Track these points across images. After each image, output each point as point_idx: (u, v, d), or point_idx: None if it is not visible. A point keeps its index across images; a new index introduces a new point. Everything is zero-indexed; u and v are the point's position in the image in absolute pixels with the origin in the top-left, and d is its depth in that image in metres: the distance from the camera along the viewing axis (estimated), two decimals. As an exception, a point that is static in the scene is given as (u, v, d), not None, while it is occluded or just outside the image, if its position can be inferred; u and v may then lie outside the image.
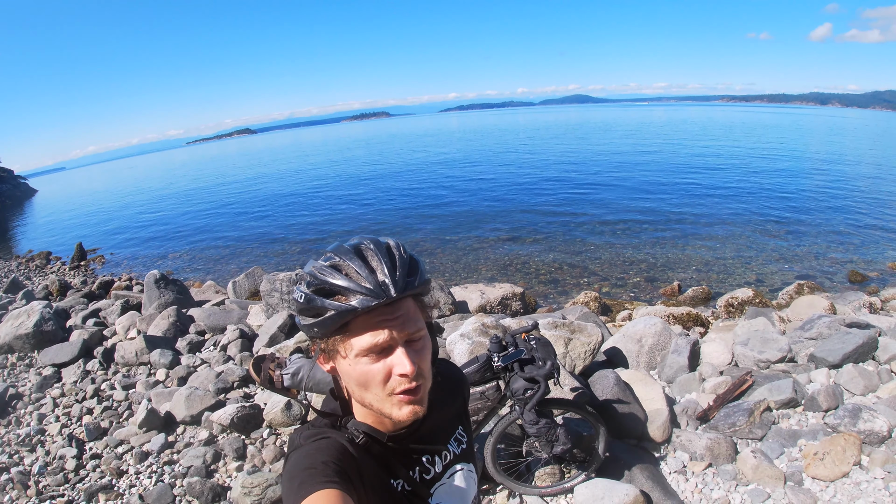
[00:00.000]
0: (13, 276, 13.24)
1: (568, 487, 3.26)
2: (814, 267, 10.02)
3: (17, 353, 6.53)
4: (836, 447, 3.26)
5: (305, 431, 1.00)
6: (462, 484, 1.16)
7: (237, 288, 9.23)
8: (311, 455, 0.92)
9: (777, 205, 15.34)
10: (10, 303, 9.15)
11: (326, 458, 0.91)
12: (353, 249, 0.92)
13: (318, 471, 0.87)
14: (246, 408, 4.45)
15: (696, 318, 6.93)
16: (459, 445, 1.18)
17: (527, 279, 10.39)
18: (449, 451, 1.15)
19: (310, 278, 0.92)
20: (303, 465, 0.90)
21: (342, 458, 0.92)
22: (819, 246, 11.25)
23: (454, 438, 1.18)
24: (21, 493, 3.86)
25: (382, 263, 0.89)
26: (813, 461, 3.26)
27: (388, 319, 0.89)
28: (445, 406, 1.18)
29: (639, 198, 17.22)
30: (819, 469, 3.21)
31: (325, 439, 0.96)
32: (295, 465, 0.91)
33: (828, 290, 8.43)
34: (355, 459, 0.94)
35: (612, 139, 45.66)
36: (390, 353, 0.90)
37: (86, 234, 21.76)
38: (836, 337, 4.50)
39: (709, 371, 4.58)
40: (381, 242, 0.94)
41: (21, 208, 41.75)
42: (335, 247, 0.94)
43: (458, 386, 1.26)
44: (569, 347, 4.37)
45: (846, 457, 3.21)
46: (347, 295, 0.87)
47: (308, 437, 0.97)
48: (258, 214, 20.80)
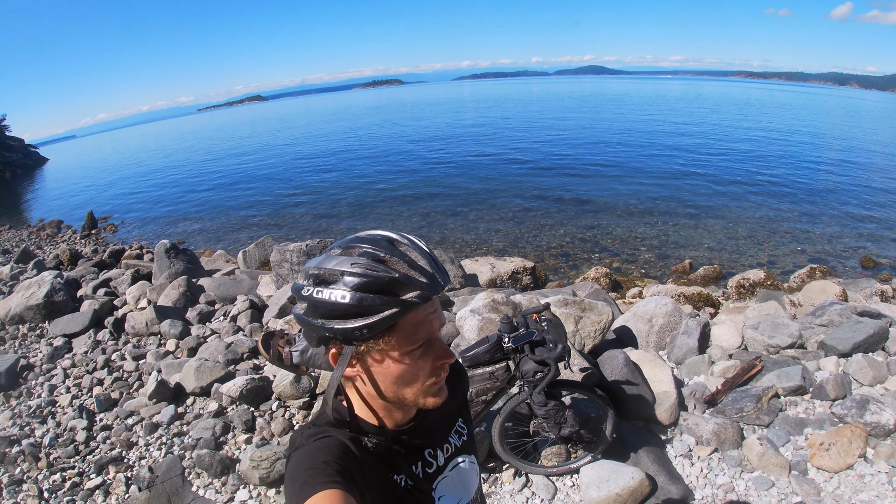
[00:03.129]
0: (24, 245, 13.36)
1: (574, 468, 3.27)
2: (826, 251, 9.94)
3: (28, 323, 6.58)
4: (842, 438, 3.24)
5: (306, 431, 0.99)
6: (465, 475, 1.17)
7: (247, 258, 9.27)
8: (312, 455, 0.91)
9: (792, 186, 15.18)
10: (21, 273, 9.21)
11: (328, 457, 0.90)
12: (388, 243, 0.89)
13: (320, 470, 0.87)
14: (255, 380, 4.47)
15: (706, 298, 6.89)
16: (460, 437, 1.19)
17: (538, 252, 10.39)
18: (450, 443, 1.16)
19: (356, 280, 0.84)
20: (305, 465, 0.89)
21: (344, 457, 0.92)
22: (833, 230, 11.15)
23: (455, 431, 1.19)
24: (32, 466, 3.91)
25: (423, 256, 0.88)
26: (818, 451, 3.24)
27: (433, 311, 0.90)
28: (447, 399, 1.17)
29: (653, 173, 17.09)
30: (824, 459, 3.19)
31: (326, 438, 0.95)
32: (297, 465, 0.91)
33: (840, 274, 8.36)
34: (357, 458, 0.94)
35: (628, 112, 45.11)
36: (431, 345, 0.92)
37: (97, 202, 21.90)
38: (846, 325, 4.45)
39: (718, 354, 4.56)
40: (406, 236, 0.92)
41: (32, 177, 41.91)
42: (373, 238, 0.90)
43: (458, 379, 1.27)
44: (579, 326, 4.36)
45: (852, 448, 3.19)
46: (404, 290, 0.84)
47: (309, 436, 0.96)
48: (269, 183, 20.84)
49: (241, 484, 3.55)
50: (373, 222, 13.49)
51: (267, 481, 3.47)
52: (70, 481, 3.74)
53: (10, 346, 6.12)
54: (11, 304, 6.74)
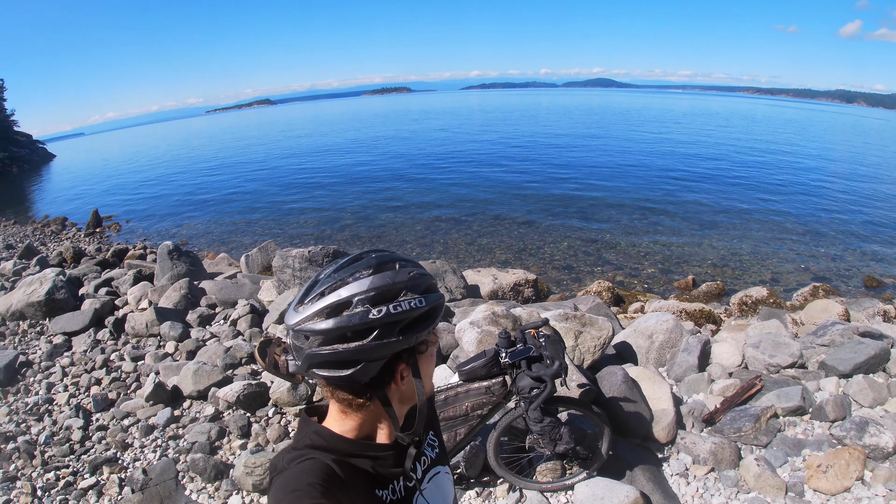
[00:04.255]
0: (28, 241, 13.39)
1: (569, 485, 3.25)
2: (830, 269, 9.89)
3: (29, 320, 6.60)
4: (840, 460, 3.21)
5: (288, 455, 0.99)
6: (442, 486, 1.19)
7: (250, 262, 9.28)
8: (296, 477, 0.91)
9: (797, 203, 15.11)
10: (24, 269, 9.25)
11: (312, 479, 0.90)
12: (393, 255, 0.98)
13: (304, 492, 0.88)
14: (252, 385, 4.47)
15: (708, 315, 6.86)
16: (433, 450, 1.21)
17: (540, 264, 10.36)
18: (426, 455, 1.17)
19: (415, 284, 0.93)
20: (289, 488, 0.89)
21: (327, 479, 0.92)
22: (837, 248, 11.09)
23: (427, 444, 1.20)
24: (27, 463, 3.91)
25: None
26: (816, 473, 3.22)
27: None
28: None
29: (659, 188, 17.01)
30: (821, 482, 3.17)
31: (309, 461, 0.95)
32: (280, 488, 0.91)
33: (843, 293, 8.32)
34: (341, 479, 0.94)
35: (635, 126, 45.05)
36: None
37: (102, 200, 21.92)
38: (848, 345, 4.43)
39: (718, 372, 4.53)
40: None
41: (38, 173, 42.03)
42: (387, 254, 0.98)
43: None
44: (578, 341, 4.34)
45: (849, 471, 3.16)
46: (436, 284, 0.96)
47: (291, 459, 0.96)
48: (274, 187, 20.82)
49: (234, 490, 3.54)
50: (375, 230, 13.48)
51: (260, 488, 3.46)
52: (64, 480, 3.74)
53: (9, 341, 6.14)
54: (13, 299, 6.76)
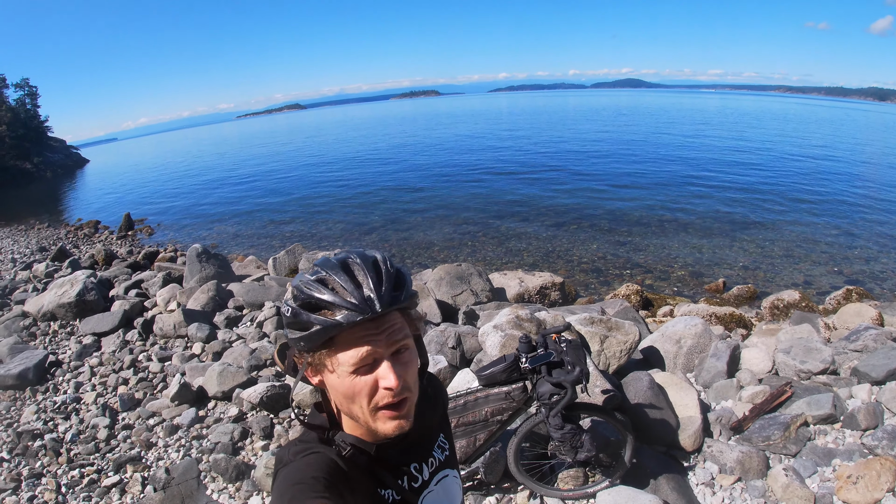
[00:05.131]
0: (61, 244, 13.74)
1: (590, 493, 3.18)
2: (864, 271, 9.62)
3: (60, 320, 6.76)
4: (871, 471, 3.09)
5: (293, 447, 0.99)
6: (450, 490, 1.18)
7: (277, 265, 9.37)
8: (300, 470, 0.92)
9: (830, 204, 14.74)
10: (56, 270, 9.48)
11: (316, 473, 0.91)
12: (340, 263, 0.92)
13: (308, 486, 0.88)
14: (276, 387, 4.50)
15: (738, 318, 6.72)
16: (443, 452, 1.20)
17: (568, 267, 10.28)
18: (435, 458, 1.17)
19: (296, 292, 0.92)
20: (292, 481, 0.90)
21: (332, 473, 0.93)
22: (871, 250, 10.78)
23: (437, 446, 1.20)
24: (53, 460, 4.00)
25: (368, 278, 0.89)
26: (846, 484, 3.10)
27: (373, 334, 0.89)
28: (429, 415, 1.19)
29: (689, 190, 16.77)
30: (851, 493, 3.05)
31: (313, 454, 0.96)
32: (284, 480, 0.92)
33: (877, 296, 8.08)
34: (345, 473, 0.95)
35: (665, 127, 44.40)
36: (376, 367, 0.91)
37: (135, 204, 22.45)
38: (881, 351, 4.27)
39: (747, 378, 4.41)
40: (367, 256, 0.94)
41: (72, 178, 43.17)
42: (322, 261, 0.95)
43: (436, 395, 1.29)
44: (604, 345, 4.28)
45: (880, 482, 3.04)
46: (333, 310, 0.87)
47: (296, 452, 0.97)
48: (304, 191, 21.14)
49: (254, 490, 3.56)
50: (403, 233, 13.53)
51: (281, 490, 3.46)
52: (88, 478, 3.81)
53: (40, 341, 6.29)
54: (44, 300, 6.92)
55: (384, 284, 0.90)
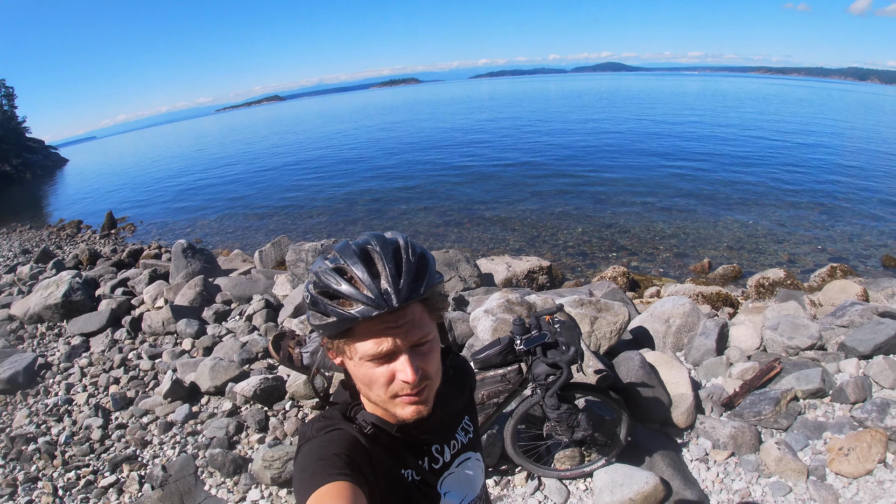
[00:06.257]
0: (44, 245, 13.55)
1: (587, 472, 3.22)
2: (847, 249, 9.75)
3: (47, 322, 6.68)
4: (862, 443, 3.15)
5: (317, 423, 1.00)
6: (470, 472, 1.19)
7: (263, 257, 9.32)
8: (323, 447, 0.93)
9: (813, 183, 14.89)
10: (41, 272, 9.35)
11: (338, 449, 0.92)
12: (359, 251, 0.89)
13: (330, 462, 0.88)
14: (269, 379, 4.48)
15: (725, 297, 6.79)
16: (467, 435, 1.20)
17: (554, 251, 10.35)
18: (457, 440, 1.17)
19: (315, 279, 0.90)
20: (315, 457, 0.91)
21: (353, 450, 0.93)
22: (854, 228, 10.92)
23: (461, 428, 1.20)
24: (48, 463, 3.96)
25: (387, 269, 0.86)
26: (837, 456, 3.16)
27: (391, 327, 0.87)
28: (454, 398, 1.19)
29: (672, 172, 16.86)
30: (843, 465, 3.11)
31: (336, 431, 0.96)
32: (306, 456, 0.92)
33: (861, 273, 8.20)
34: (366, 451, 0.95)
35: (646, 110, 44.54)
36: (395, 359, 0.89)
37: (116, 202, 22.17)
38: (867, 326, 4.34)
39: (736, 355, 4.47)
40: (388, 243, 0.90)
41: (52, 178, 42.49)
42: (342, 246, 0.92)
43: (465, 378, 1.29)
44: (594, 326, 4.30)
45: (871, 454, 3.10)
46: (350, 302, 0.85)
47: (319, 428, 0.98)
48: (286, 182, 21.00)
49: (252, 483, 3.56)
50: (388, 222, 13.50)
51: (279, 481, 3.47)
52: (84, 479, 3.78)
53: (28, 344, 6.22)
54: (30, 303, 6.84)
55: (403, 277, 0.86)
